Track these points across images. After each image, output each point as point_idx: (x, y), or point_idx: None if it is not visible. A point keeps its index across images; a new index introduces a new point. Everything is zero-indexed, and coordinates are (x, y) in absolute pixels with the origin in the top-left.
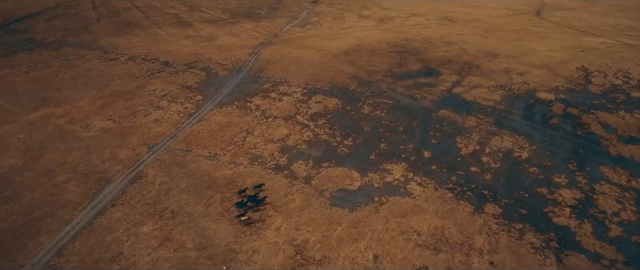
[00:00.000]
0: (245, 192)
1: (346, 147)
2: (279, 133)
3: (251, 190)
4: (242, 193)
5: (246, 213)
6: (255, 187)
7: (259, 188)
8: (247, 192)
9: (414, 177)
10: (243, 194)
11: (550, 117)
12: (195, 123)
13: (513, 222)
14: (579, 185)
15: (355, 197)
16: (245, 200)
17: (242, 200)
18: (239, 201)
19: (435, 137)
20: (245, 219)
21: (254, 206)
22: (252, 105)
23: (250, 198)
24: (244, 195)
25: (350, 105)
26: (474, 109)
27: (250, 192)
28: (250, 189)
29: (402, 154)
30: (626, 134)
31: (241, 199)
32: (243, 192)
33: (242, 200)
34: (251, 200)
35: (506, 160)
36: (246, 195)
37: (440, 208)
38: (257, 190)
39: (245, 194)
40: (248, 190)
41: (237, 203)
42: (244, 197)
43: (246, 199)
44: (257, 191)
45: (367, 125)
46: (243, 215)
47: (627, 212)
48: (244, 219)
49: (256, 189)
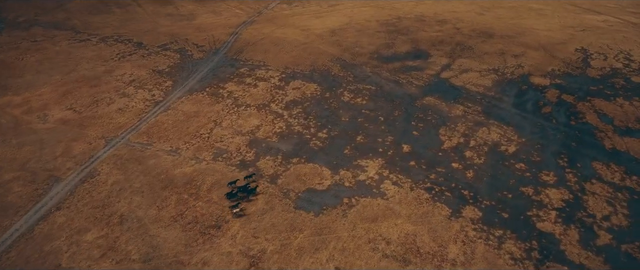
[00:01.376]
0: (235, 184)
1: (320, 140)
2: (250, 124)
3: (242, 181)
4: (232, 184)
5: (239, 205)
6: (245, 177)
7: (250, 178)
8: (238, 184)
9: (390, 174)
10: (233, 185)
11: (543, 105)
12: (161, 113)
13: (493, 228)
14: (568, 184)
15: (322, 199)
16: (235, 191)
17: (232, 191)
18: (229, 192)
19: (418, 129)
20: (238, 211)
21: (245, 197)
22: (224, 92)
23: (241, 189)
24: (234, 187)
25: (330, 91)
26: (462, 96)
27: (240, 184)
28: (241, 179)
29: (380, 148)
30: (623, 124)
31: (232, 189)
32: (233, 183)
33: (232, 191)
34: (242, 191)
35: (491, 155)
36: (236, 187)
37: (415, 211)
38: (248, 180)
39: (236, 185)
40: (238, 182)
41: (228, 194)
42: (234, 188)
43: (236, 190)
44: (247, 181)
45: (345, 115)
46: (236, 207)
47: (618, 216)
48: (236, 211)
49: (247, 179)
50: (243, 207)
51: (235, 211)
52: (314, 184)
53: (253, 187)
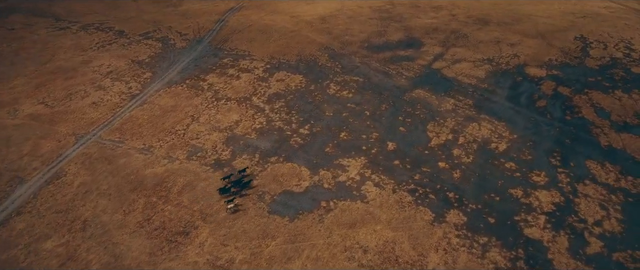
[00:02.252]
0: (230, 178)
1: (301, 136)
2: (228, 119)
3: (236, 176)
4: (227, 179)
5: (234, 200)
6: (239, 171)
7: (243, 172)
8: (232, 179)
9: (372, 175)
10: (227, 180)
11: (538, 98)
12: (137, 107)
13: (477, 235)
14: (559, 185)
15: (299, 202)
16: (228, 186)
17: (225, 186)
18: (222, 187)
19: (405, 124)
20: (232, 206)
21: (239, 191)
22: (204, 85)
23: (235, 183)
24: (228, 181)
25: (316, 83)
26: (453, 88)
27: (234, 178)
28: (235, 174)
29: (363, 146)
30: (621, 119)
31: (224, 184)
32: (228, 178)
33: (226, 186)
34: (235, 185)
35: (481, 153)
36: (230, 181)
37: (396, 216)
38: (242, 174)
39: (230, 180)
40: (233, 177)
41: (220, 189)
42: (228, 183)
43: (230, 185)
44: (241, 175)
45: (329, 109)
46: (231, 202)
47: (611, 221)
48: (231, 206)
49: (241, 173)
50: (238, 203)
51: (230, 206)
52: (292, 185)
53: (247, 181)
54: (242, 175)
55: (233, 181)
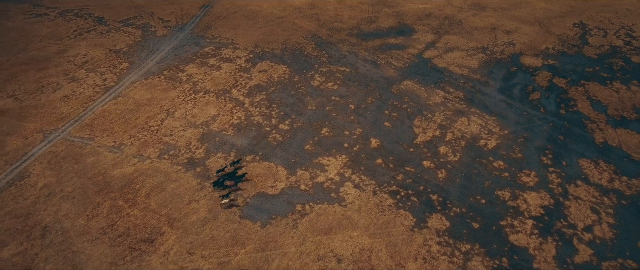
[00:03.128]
0: (223, 171)
1: (281, 133)
2: (206, 114)
3: (230, 169)
4: (221, 172)
5: (229, 195)
6: (232, 164)
7: (237, 164)
8: (226, 171)
9: (353, 175)
10: (221, 173)
11: (533, 90)
12: (111, 101)
13: (460, 242)
14: (550, 186)
15: (273, 206)
16: (222, 180)
17: (218, 179)
18: (216, 181)
19: (391, 119)
20: (228, 202)
21: (233, 185)
22: (183, 76)
23: (229, 176)
24: (222, 175)
25: (300, 75)
26: (444, 80)
27: (228, 171)
28: (229, 167)
29: (346, 143)
30: (618, 113)
31: (218, 178)
32: (221, 171)
33: (219, 179)
34: (229, 178)
35: (469, 151)
36: (225, 174)
37: (374, 221)
38: (235, 166)
39: (224, 172)
40: (227, 169)
41: (214, 183)
42: (221, 177)
43: (223, 178)
44: (235, 168)
45: (312, 103)
46: (226, 197)
47: (603, 227)
48: (226, 202)
49: (234, 165)
50: (233, 198)
51: (225, 202)
52: (267, 187)
53: (241, 175)
54: (235, 168)
55: (227, 174)
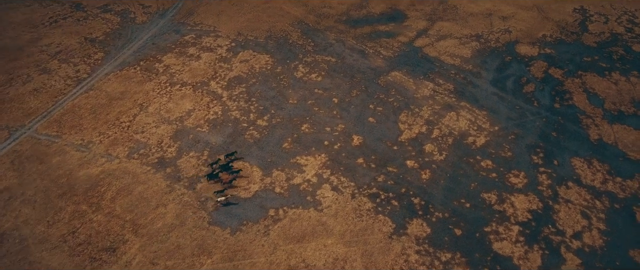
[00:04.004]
0: (217, 163)
1: (258, 129)
2: (180, 109)
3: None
4: (214, 164)
5: (224, 191)
6: (226, 155)
7: (232, 156)
8: (220, 163)
9: (331, 176)
10: (215, 165)
11: (526, 82)
12: (82, 94)
13: (440, 250)
14: (539, 188)
15: (245, 210)
16: (216, 172)
17: (213, 171)
18: (209, 173)
19: (375, 114)
20: (224, 199)
21: (230, 182)
22: (160, 67)
23: (222, 168)
24: (215, 166)
25: (283, 65)
26: (434, 70)
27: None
28: (223, 159)
29: (326, 140)
30: (615, 107)
31: (212, 170)
32: (215, 163)
33: (214, 171)
34: (223, 169)
35: (455, 149)
36: (218, 166)
37: (351, 227)
38: (229, 158)
39: (217, 165)
40: (220, 161)
41: (208, 175)
42: (215, 168)
43: (217, 170)
44: (228, 160)
45: (294, 96)
46: (221, 193)
47: (593, 233)
48: (222, 199)
49: (228, 157)
50: (229, 195)
51: (221, 199)
52: (239, 189)
53: (236, 170)
54: (229, 160)
55: (221, 165)
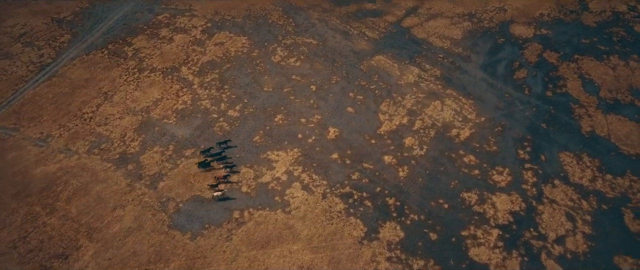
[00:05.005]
0: (209, 152)
1: (229, 120)
2: (148, 97)
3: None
4: (206, 153)
5: (218, 185)
6: (219, 143)
7: (224, 144)
8: (212, 151)
9: (302, 174)
10: (207, 154)
11: (519, 67)
12: (44, 81)
13: (412, 257)
14: (523, 187)
15: (208, 212)
16: (208, 160)
17: (205, 160)
18: (201, 161)
19: (354, 103)
20: (219, 194)
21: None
22: (129, 51)
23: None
24: (208, 155)
25: (260, 48)
26: (421, 54)
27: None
28: (215, 147)
29: (300, 133)
30: (611, 95)
31: (204, 158)
32: (207, 151)
33: (205, 160)
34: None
35: (437, 143)
36: (210, 155)
37: (320, 231)
38: (222, 147)
39: (210, 153)
40: (213, 149)
41: (200, 163)
42: (207, 158)
43: (210, 159)
44: (221, 148)
45: (269, 83)
46: (215, 187)
47: (577, 238)
48: (218, 194)
49: (221, 145)
50: (224, 190)
51: (216, 194)
52: (203, 188)
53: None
54: (222, 148)
55: (213, 154)
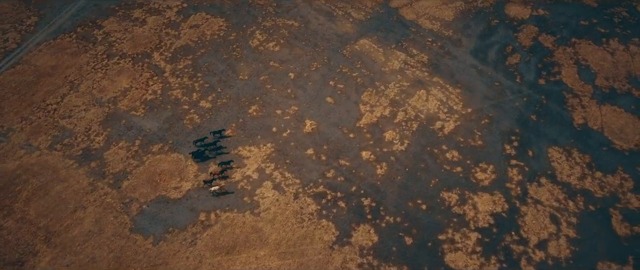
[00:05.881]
0: (203, 141)
1: (200, 112)
2: (116, 87)
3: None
4: (200, 142)
5: (213, 182)
6: (214, 133)
7: (218, 134)
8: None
9: (275, 171)
10: (200, 143)
11: (512, 51)
12: (8, 69)
13: (385, 263)
14: (507, 186)
15: (173, 214)
16: (202, 150)
17: (198, 150)
18: (194, 151)
19: (335, 93)
20: (217, 189)
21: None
22: (98, 34)
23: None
24: (200, 145)
25: (238, 30)
26: (409, 37)
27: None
28: (209, 137)
29: (275, 126)
30: (607, 84)
31: (197, 149)
32: (201, 140)
33: (198, 150)
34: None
35: (419, 137)
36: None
37: (289, 235)
38: (217, 136)
39: (204, 142)
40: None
41: (193, 153)
42: (200, 148)
43: (203, 149)
44: (216, 138)
45: (246, 70)
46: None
47: (560, 242)
48: (215, 189)
49: (215, 134)
50: (222, 185)
51: (213, 189)
52: (169, 188)
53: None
54: (217, 138)
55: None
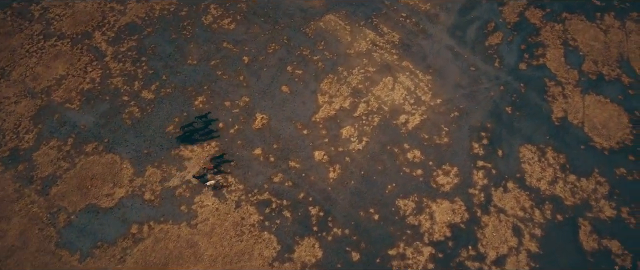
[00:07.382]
0: (192, 126)
1: (141, 104)
2: (51, 74)
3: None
4: (189, 127)
5: (206, 176)
6: (200, 118)
7: (205, 118)
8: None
9: (216, 175)
10: (188, 128)
11: (493, 29)
12: None
13: None
14: (470, 191)
15: (102, 226)
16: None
17: (185, 133)
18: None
19: (291, 80)
20: (214, 183)
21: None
22: (35, 11)
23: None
24: (188, 129)
25: (191, 4)
26: (380, 12)
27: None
28: (198, 122)
29: (222, 121)
30: (595, 69)
31: (184, 132)
32: (189, 125)
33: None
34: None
35: (380, 134)
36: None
37: (226, 250)
38: (204, 120)
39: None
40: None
41: (179, 137)
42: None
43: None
44: (203, 122)
45: (195, 53)
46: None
47: (520, 258)
48: (212, 183)
49: (202, 119)
50: (219, 179)
51: (211, 183)
52: (101, 195)
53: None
54: (204, 122)
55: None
